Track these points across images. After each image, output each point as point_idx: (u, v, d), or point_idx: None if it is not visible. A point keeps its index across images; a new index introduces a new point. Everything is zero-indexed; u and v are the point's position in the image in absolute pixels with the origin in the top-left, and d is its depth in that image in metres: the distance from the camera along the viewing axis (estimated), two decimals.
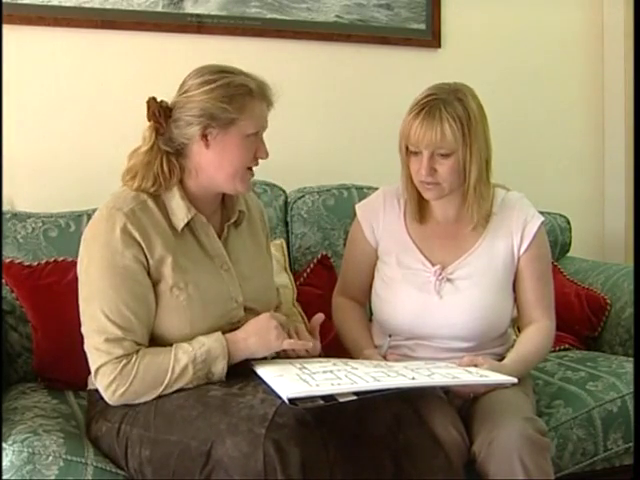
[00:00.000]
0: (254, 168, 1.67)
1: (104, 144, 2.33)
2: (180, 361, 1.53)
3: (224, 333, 1.59)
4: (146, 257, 1.57)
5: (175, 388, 1.54)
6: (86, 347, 1.58)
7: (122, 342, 1.53)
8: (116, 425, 1.56)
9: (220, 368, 1.55)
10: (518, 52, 2.87)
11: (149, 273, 1.58)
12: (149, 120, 1.62)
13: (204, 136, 1.60)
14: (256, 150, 1.64)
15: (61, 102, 2.34)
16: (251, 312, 1.67)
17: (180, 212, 1.62)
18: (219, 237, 1.69)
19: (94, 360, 1.55)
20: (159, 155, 1.62)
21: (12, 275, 1.99)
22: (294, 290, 2.19)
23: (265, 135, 1.68)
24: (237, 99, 1.58)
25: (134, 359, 1.53)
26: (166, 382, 1.53)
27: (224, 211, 1.73)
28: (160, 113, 1.61)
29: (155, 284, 1.58)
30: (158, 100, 1.62)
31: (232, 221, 1.72)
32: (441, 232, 1.85)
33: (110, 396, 1.54)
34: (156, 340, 1.59)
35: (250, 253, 1.76)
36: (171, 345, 1.56)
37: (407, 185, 1.82)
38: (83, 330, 1.59)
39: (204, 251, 1.65)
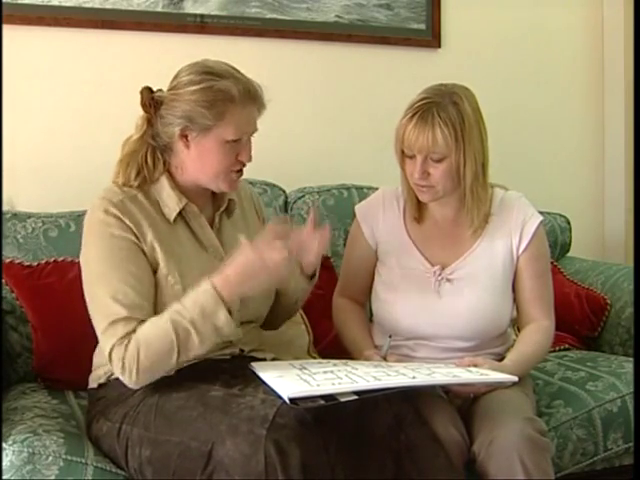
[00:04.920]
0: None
1: (104, 144, 2.32)
2: (179, 328, 1.48)
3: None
4: (139, 241, 1.57)
5: (191, 356, 1.50)
6: (98, 335, 1.56)
7: (126, 321, 1.51)
8: (117, 425, 1.56)
9: (223, 319, 1.48)
10: (518, 52, 2.88)
11: (146, 256, 1.58)
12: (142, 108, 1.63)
13: (184, 137, 1.60)
14: (238, 154, 1.62)
15: (61, 102, 2.35)
16: (247, 300, 1.66)
17: (171, 202, 1.63)
18: (211, 227, 1.70)
19: (105, 347, 1.53)
20: (145, 146, 1.63)
21: (12, 275, 1.99)
22: None
23: (265, 135, 1.67)
24: (217, 105, 1.56)
25: (133, 337, 1.50)
26: (175, 353, 1.49)
27: (215, 201, 1.74)
28: (150, 105, 1.62)
29: (153, 269, 1.59)
30: (154, 90, 1.63)
31: (222, 209, 1.72)
32: (440, 233, 1.85)
33: (129, 380, 1.51)
34: None
35: None
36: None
37: (405, 186, 1.83)
38: (92, 318, 1.58)
39: (197, 241, 1.66)
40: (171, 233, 1.63)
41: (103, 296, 1.54)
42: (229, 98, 1.57)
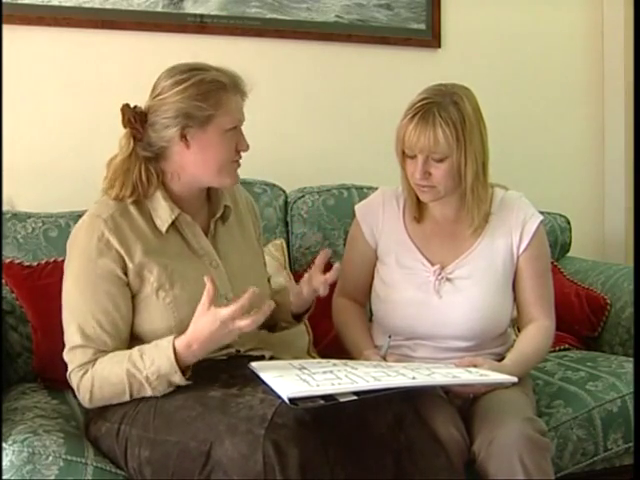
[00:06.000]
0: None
1: (104, 144, 2.32)
2: (133, 381, 1.51)
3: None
4: (125, 264, 1.57)
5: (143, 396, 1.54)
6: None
7: (83, 350, 1.55)
8: (115, 425, 1.56)
9: (177, 379, 1.50)
10: (518, 52, 2.88)
11: (129, 281, 1.58)
12: (125, 127, 1.62)
13: (183, 137, 1.59)
14: (237, 144, 1.64)
15: (61, 102, 2.34)
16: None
17: (164, 213, 1.62)
18: (206, 234, 1.69)
19: (68, 367, 1.58)
20: (138, 162, 1.62)
21: (12, 275, 1.99)
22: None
23: (265, 135, 1.68)
24: (212, 95, 1.58)
25: (90, 370, 1.54)
26: (127, 396, 1.53)
27: (210, 207, 1.73)
28: (136, 119, 1.61)
29: (138, 290, 1.59)
30: (132, 106, 1.62)
31: (218, 216, 1.72)
32: (440, 232, 1.85)
33: (82, 402, 1.58)
34: (144, 340, 1.58)
35: (240, 248, 1.75)
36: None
37: (406, 185, 1.83)
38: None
39: (192, 250, 1.65)
40: (163, 245, 1.62)
41: (69, 320, 1.58)
42: (221, 87, 1.59)
